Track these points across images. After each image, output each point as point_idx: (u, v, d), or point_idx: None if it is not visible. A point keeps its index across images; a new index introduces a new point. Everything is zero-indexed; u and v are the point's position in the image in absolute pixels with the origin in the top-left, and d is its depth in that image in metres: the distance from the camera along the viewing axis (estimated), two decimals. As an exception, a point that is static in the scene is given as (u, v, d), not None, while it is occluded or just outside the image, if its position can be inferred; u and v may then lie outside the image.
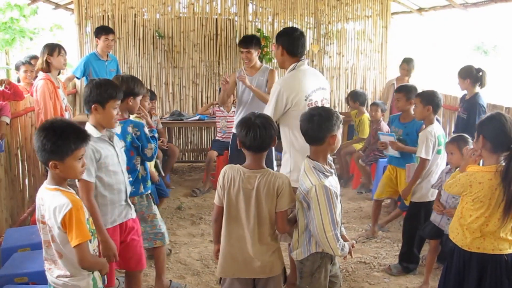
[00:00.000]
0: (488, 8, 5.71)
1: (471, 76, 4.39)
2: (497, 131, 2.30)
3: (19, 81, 5.03)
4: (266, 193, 2.30)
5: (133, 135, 3.00)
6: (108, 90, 2.51)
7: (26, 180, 4.57)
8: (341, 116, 2.47)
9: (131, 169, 3.06)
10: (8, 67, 10.00)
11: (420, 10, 6.77)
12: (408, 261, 3.64)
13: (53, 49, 4.06)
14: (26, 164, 4.53)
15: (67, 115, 4.24)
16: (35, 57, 5.09)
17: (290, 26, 6.62)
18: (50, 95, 3.98)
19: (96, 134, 2.49)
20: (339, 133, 2.40)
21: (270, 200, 2.31)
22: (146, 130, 3.10)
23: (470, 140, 3.12)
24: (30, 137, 4.58)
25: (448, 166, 3.30)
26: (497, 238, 2.33)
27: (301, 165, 2.50)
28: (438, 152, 3.46)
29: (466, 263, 2.41)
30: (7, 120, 3.84)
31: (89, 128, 2.50)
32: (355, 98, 5.75)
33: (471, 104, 4.40)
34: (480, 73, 4.38)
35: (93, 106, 2.49)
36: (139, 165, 3.12)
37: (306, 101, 3.04)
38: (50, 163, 2.00)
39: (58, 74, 4.27)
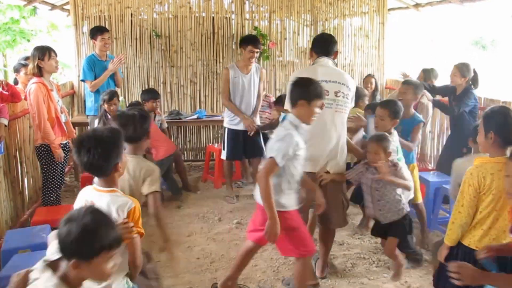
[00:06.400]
0: (484, 2, 5.73)
1: (470, 75, 4.59)
2: (508, 125, 2.28)
3: (16, 83, 5.03)
4: None
5: None
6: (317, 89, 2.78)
7: (26, 182, 4.58)
8: None
9: None
10: (5, 69, 9.99)
11: (416, 5, 6.78)
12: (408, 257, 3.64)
13: (43, 53, 4.00)
14: (25, 166, 4.54)
15: (63, 117, 4.24)
16: (29, 58, 5.08)
17: (287, 23, 6.67)
18: (44, 99, 3.96)
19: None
20: None
21: None
22: None
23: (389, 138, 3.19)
24: (29, 139, 4.59)
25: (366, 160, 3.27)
26: (507, 236, 2.28)
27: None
28: (398, 159, 3.44)
29: (472, 261, 2.27)
30: (5, 122, 3.84)
31: (295, 120, 2.74)
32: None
33: (464, 95, 4.56)
34: (475, 74, 4.62)
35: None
36: None
37: None
38: None
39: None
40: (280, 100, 5.06)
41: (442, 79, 4.98)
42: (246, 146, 5.10)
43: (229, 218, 4.72)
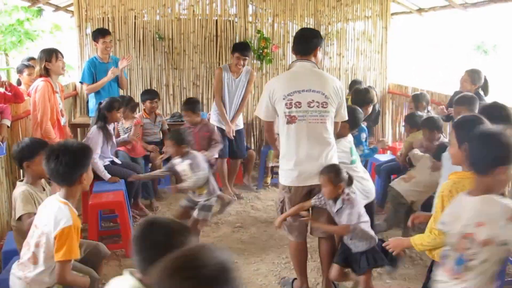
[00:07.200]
0: (487, 8, 5.72)
1: (481, 82, 4.49)
2: None
3: (19, 83, 5.03)
4: None
5: None
6: None
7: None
8: None
9: None
10: (8, 67, 10.01)
11: (419, 10, 6.78)
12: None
13: (50, 55, 4.02)
14: (27, 167, 4.53)
15: (63, 120, 4.24)
16: (33, 58, 5.09)
17: (291, 26, 6.67)
18: (49, 97, 3.97)
19: None
20: None
21: None
22: None
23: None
24: (31, 140, 4.59)
25: None
26: None
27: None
28: (353, 161, 3.43)
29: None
30: (8, 123, 3.83)
31: None
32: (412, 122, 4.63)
33: None
34: (486, 81, 4.52)
35: None
36: None
37: (285, 100, 3.02)
38: None
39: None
40: (188, 103, 4.92)
41: (446, 85, 4.95)
42: (232, 145, 5.26)
43: (230, 221, 4.70)
